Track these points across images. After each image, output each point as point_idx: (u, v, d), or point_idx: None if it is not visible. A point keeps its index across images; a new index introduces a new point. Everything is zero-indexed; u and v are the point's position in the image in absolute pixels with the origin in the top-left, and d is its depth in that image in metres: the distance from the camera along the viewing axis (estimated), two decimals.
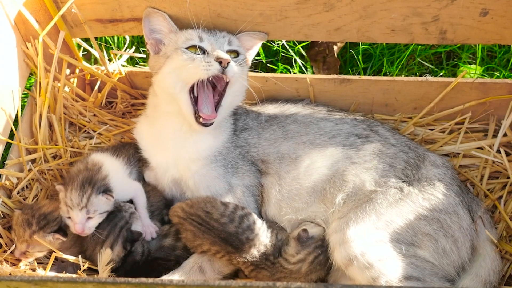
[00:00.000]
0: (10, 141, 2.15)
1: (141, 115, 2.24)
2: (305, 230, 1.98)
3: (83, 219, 1.95)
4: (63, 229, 1.99)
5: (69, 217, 1.97)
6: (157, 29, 2.15)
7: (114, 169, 2.09)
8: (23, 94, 2.30)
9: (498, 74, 2.65)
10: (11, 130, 2.17)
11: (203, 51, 2.02)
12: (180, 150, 2.09)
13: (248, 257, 1.95)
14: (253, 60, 2.28)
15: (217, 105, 2.04)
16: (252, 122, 2.19)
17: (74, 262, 2.01)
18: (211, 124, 2.01)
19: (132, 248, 2.00)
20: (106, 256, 1.91)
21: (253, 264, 1.97)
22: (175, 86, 2.02)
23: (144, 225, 2.08)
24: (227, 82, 2.03)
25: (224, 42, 2.08)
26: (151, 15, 2.14)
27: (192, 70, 1.98)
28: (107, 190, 1.99)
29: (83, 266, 1.92)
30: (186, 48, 2.03)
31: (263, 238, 1.98)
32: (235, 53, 2.10)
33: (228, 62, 1.96)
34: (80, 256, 1.95)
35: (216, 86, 2.04)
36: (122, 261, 1.99)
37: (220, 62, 1.95)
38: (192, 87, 2.01)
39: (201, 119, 2.00)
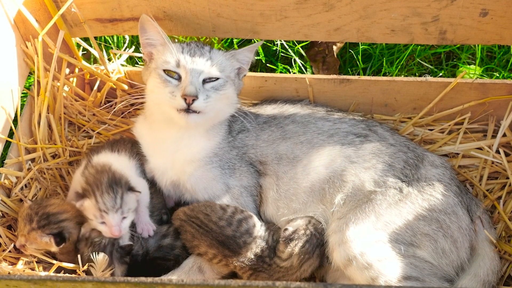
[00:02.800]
0: (9, 139, 2.15)
1: (140, 114, 2.24)
2: (285, 230, 1.99)
3: (119, 220, 1.92)
4: (62, 235, 1.97)
5: (103, 222, 1.93)
6: (150, 43, 2.12)
7: (121, 167, 2.07)
8: (22, 93, 2.30)
9: (498, 75, 2.65)
10: (11, 130, 2.17)
11: (179, 76, 2.02)
12: (175, 153, 2.09)
13: (246, 261, 1.96)
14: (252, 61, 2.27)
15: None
16: (250, 124, 2.19)
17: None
18: (196, 112, 1.97)
19: (133, 252, 2.00)
20: (101, 261, 1.88)
21: (251, 268, 1.97)
22: (156, 102, 2.06)
23: (142, 222, 2.07)
24: None
25: (203, 70, 2.02)
26: (145, 23, 2.09)
27: (160, 97, 2.02)
28: (131, 187, 1.98)
29: (83, 266, 1.91)
30: (164, 70, 2.03)
31: (260, 241, 1.98)
32: (216, 77, 2.05)
33: (194, 99, 1.94)
34: (79, 256, 1.94)
35: None
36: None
37: (185, 99, 1.95)
38: None
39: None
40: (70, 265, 1.96)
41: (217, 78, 2.04)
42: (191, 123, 2.01)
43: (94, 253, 1.89)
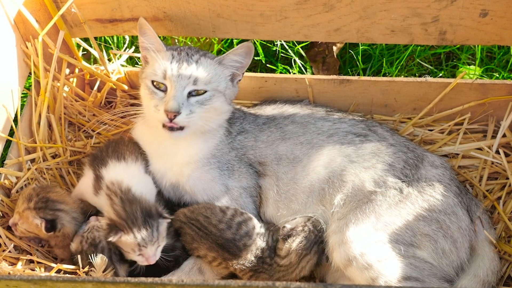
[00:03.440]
0: (9, 138, 2.15)
1: (140, 115, 2.23)
2: (284, 227, 2.00)
3: (155, 250, 1.93)
4: (54, 224, 1.96)
5: (140, 254, 1.92)
6: (145, 47, 2.10)
7: (135, 180, 2.04)
8: (22, 93, 2.30)
9: (497, 75, 2.65)
10: (11, 130, 2.17)
11: (166, 87, 2.01)
12: (173, 155, 2.09)
13: (246, 263, 1.96)
14: (252, 61, 2.26)
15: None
16: (249, 125, 2.19)
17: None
18: (179, 129, 1.99)
19: None
20: (100, 262, 1.88)
21: (252, 270, 1.97)
22: (146, 111, 2.08)
23: None
24: None
25: (189, 82, 2.00)
26: (142, 27, 2.08)
27: (146, 108, 2.05)
28: (161, 215, 1.95)
29: (83, 268, 1.91)
30: (152, 81, 2.03)
31: (260, 242, 1.99)
32: (203, 91, 2.02)
33: (175, 115, 1.94)
34: (79, 257, 1.94)
35: None
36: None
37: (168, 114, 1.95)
38: None
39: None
40: (70, 267, 1.95)
41: (205, 91, 2.02)
42: (174, 139, 2.03)
43: (92, 255, 1.89)
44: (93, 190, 2.06)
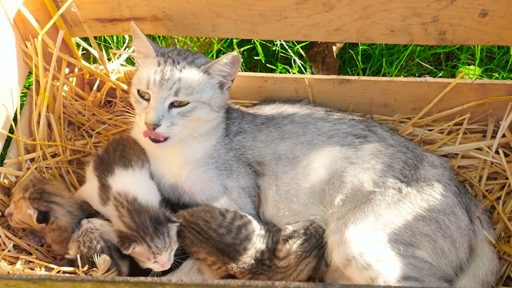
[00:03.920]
0: (9, 134, 2.15)
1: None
2: (286, 228, 2.00)
3: (169, 255, 1.94)
4: (47, 216, 1.96)
5: (155, 262, 1.93)
6: (138, 50, 2.10)
7: (141, 189, 2.03)
8: (22, 93, 2.30)
9: (497, 75, 2.65)
10: (10, 130, 2.17)
11: (149, 96, 1.99)
12: (171, 156, 2.09)
13: (246, 266, 1.96)
14: (252, 61, 2.27)
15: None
16: (248, 125, 2.18)
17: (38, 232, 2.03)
18: (163, 140, 1.99)
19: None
20: (104, 263, 1.88)
21: (251, 272, 1.97)
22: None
23: None
24: None
25: (170, 94, 1.96)
26: (134, 31, 2.06)
27: (135, 114, 2.05)
28: (169, 219, 1.95)
29: (82, 268, 1.91)
30: (137, 90, 2.02)
31: (260, 245, 1.98)
32: (185, 102, 1.99)
33: (154, 128, 1.94)
34: (78, 256, 1.94)
35: None
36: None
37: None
38: None
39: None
40: (69, 269, 1.95)
41: (187, 103, 1.99)
42: (160, 149, 2.03)
43: (96, 255, 1.89)
44: (100, 200, 2.04)
